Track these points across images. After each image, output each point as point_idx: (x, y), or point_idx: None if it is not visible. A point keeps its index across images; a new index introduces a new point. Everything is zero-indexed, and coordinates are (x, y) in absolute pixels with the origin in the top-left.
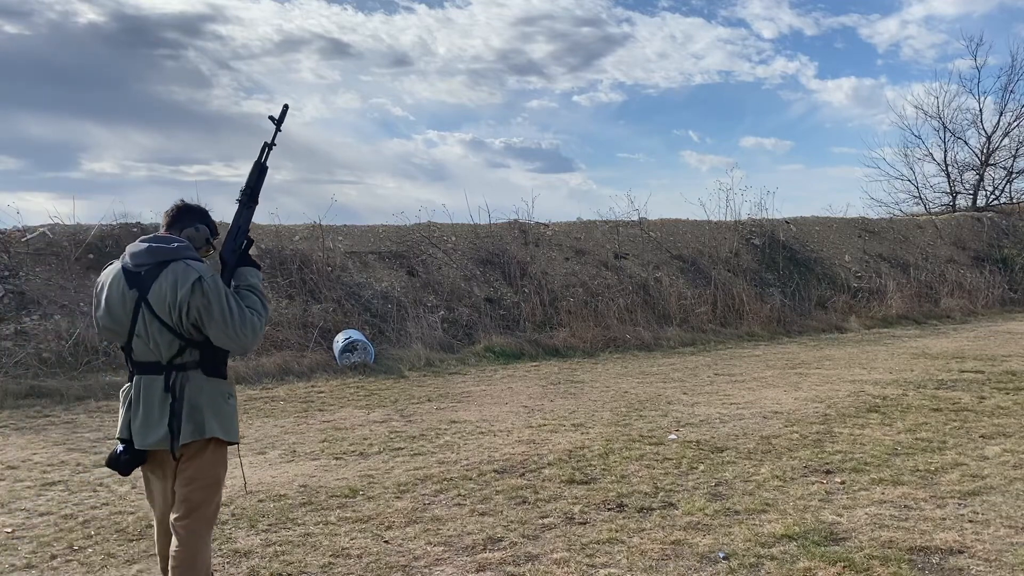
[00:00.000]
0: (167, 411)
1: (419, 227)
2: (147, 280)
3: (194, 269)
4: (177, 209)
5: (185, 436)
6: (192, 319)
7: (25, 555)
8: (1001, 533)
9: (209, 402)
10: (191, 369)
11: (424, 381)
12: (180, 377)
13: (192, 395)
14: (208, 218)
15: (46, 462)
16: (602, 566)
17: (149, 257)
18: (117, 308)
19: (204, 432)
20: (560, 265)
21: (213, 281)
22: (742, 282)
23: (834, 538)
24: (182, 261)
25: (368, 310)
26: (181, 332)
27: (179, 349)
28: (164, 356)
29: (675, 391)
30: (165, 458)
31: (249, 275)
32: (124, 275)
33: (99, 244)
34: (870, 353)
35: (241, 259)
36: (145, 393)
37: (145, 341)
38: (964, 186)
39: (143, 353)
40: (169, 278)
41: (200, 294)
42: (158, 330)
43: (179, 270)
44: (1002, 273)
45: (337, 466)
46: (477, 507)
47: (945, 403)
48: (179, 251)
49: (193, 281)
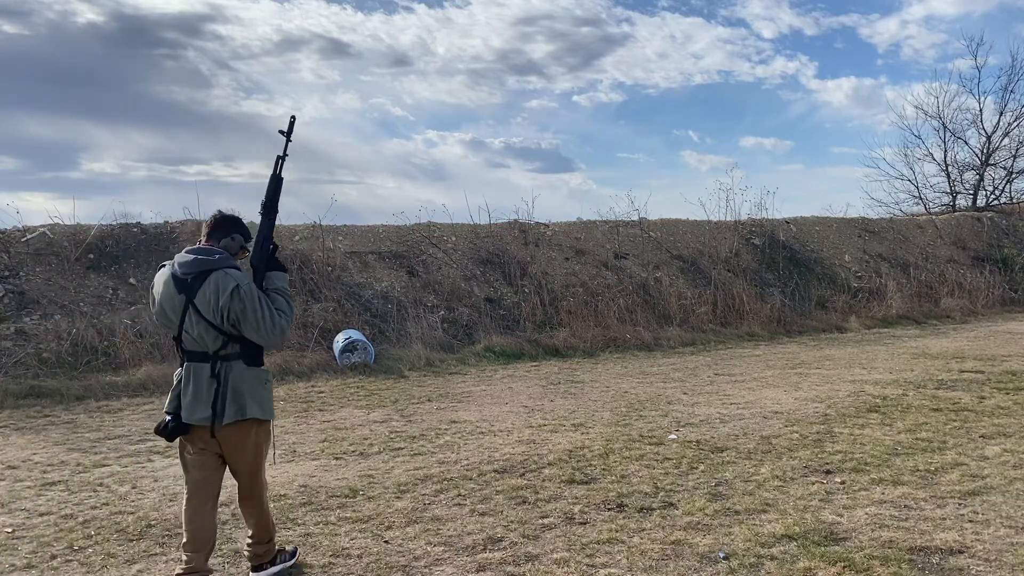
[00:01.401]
0: (212, 394)
1: (419, 227)
2: (193, 286)
3: (232, 277)
4: (215, 220)
5: (229, 417)
6: (231, 320)
7: (25, 555)
8: (1001, 533)
9: (249, 388)
10: (234, 359)
11: (424, 381)
12: (224, 366)
13: (235, 382)
14: (241, 227)
15: (46, 462)
16: (602, 566)
17: (195, 267)
18: (168, 308)
19: (246, 413)
20: (560, 265)
21: (248, 288)
22: (742, 282)
23: (834, 538)
24: (222, 270)
25: (368, 310)
26: (224, 330)
27: (223, 343)
28: (210, 348)
29: (675, 391)
30: (204, 434)
31: (276, 279)
32: (173, 280)
33: (99, 244)
34: (870, 353)
35: (269, 264)
36: (195, 377)
37: (192, 335)
38: (964, 186)
39: (191, 344)
40: (212, 285)
41: (238, 299)
42: (204, 328)
43: (220, 278)
44: (1002, 273)
45: (337, 466)
46: (477, 507)
47: (945, 403)
48: (219, 262)
49: (232, 289)
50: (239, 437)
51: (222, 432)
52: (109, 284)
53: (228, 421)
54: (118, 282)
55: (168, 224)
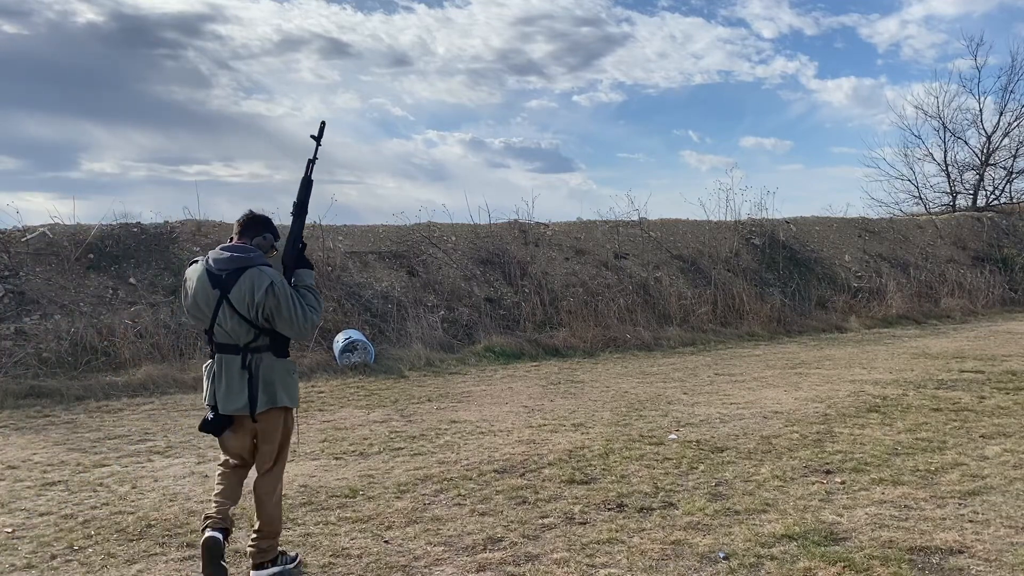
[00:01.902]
0: (245, 385)
1: (419, 227)
2: (228, 282)
3: (267, 275)
4: (247, 219)
5: (261, 405)
6: (265, 315)
7: (25, 555)
8: (1001, 533)
9: (279, 378)
10: (264, 352)
11: (424, 381)
12: (255, 358)
13: (266, 373)
14: (272, 226)
15: (46, 462)
16: (602, 566)
17: (230, 264)
18: (202, 302)
19: (276, 402)
20: (560, 265)
21: (282, 285)
22: (742, 282)
23: (834, 538)
24: (257, 268)
25: (368, 310)
26: (257, 324)
27: (254, 336)
28: (241, 341)
29: (675, 391)
30: (244, 421)
31: (305, 276)
32: (208, 276)
33: (99, 244)
34: (870, 353)
35: (298, 261)
36: (226, 369)
37: (225, 329)
38: (964, 186)
39: (223, 337)
40: (247, 282)
41: (272, 296)
42: (237, 322)
43: (255, 276)
44: (1002, 273)
45: (337, 466)
46: (477, 507)
47: (945, 403)
48: (253, 259)
49: (267, 286)
50: (270, 424)
51: (259, 419)
52: (109, 284)
53: (261, 409)
54: (118, 282)
55: (168, 224)
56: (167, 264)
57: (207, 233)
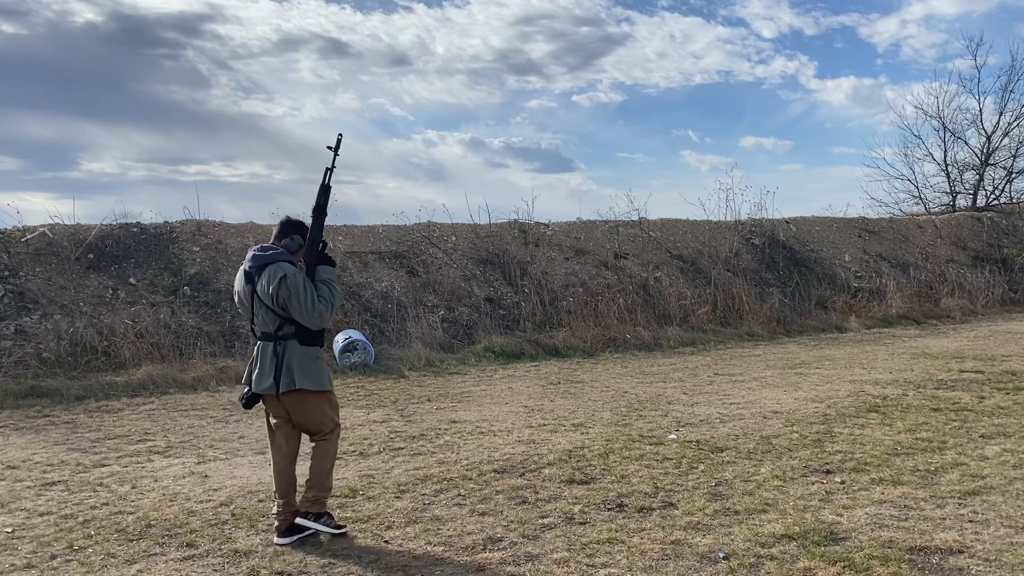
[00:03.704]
0: (273, 368)
1: (419, 227)
2: (255, 278)
3: (282, 269)
4: (281, 224)
5: (283, 387)
6: (280, 304)
7: (25, 555)
8: (1001, 533)
9: (299, 363)
10: (290, 339)
11: (424, 381)
12: (283, 344)
13: (289, 358)
14: (303, 228)
15: (46, 462)
16: (602, 566)
17: (257, 262)
18: (244, 298)
19: (294, 384)
20: (560, 265)
21: (294, 277)
22: (742, 282)
23: (834, 538)
24: (275, 263)
25: (368, 310)
26: (278, 312)
27: (280, 324)
28: (271, 329)
29: (675, 391)
30: (273, 401)
31: (323, 272)
32: (244, 274)
33: (99, 244)
34: (870, 353)
35: (319, 259)
36: (262, 354)
37: (260, 319)
38: (964, 186)
39: (261, 326)
40: (267, 276)
41: (284, 287)
42: (265, 312)
43: (272, 270)
44: (1002, 273)
45: (337, 466)
46: (477, 507)
47: (945, 403)
48: (273, 256)
49: (280, 278)
50: (296, 403)
51: (284, 399)
52: (109, 284)
53: (284, 390)
54: (118, 282)
55: (168, 224)
56: (167, 264)
57: (207, 233)
